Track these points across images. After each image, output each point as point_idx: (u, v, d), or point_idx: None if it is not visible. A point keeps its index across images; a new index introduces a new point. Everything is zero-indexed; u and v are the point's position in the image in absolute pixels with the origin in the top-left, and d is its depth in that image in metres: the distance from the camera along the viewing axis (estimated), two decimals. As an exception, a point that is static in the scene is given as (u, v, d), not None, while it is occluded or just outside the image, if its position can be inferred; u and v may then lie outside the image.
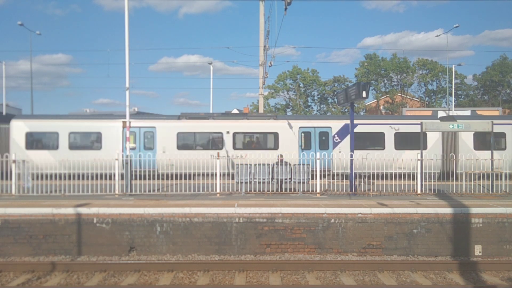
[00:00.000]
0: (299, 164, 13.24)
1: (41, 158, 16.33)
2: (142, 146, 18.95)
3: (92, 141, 19.02)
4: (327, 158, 15.93)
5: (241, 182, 12.79)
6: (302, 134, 19.05)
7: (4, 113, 25.57)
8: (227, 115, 21.29)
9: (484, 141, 18.23)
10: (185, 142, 18.98)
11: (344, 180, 13.34)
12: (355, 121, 15.23)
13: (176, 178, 13.47)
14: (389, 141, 18.90)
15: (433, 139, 18.61)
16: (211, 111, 35.41)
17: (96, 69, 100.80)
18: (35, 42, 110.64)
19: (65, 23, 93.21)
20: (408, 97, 52.17)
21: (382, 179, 13.49)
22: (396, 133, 18.94)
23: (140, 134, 19.01)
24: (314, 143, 19.01)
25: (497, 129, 16.82)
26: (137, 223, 9.96)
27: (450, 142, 18.94)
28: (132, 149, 17.24)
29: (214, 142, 19.04)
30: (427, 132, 17.08)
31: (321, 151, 15.77)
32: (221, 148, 18.59)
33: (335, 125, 19.07)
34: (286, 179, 13.00)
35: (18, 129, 18.74)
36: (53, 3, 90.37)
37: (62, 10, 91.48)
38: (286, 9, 14.46)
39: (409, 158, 13.45)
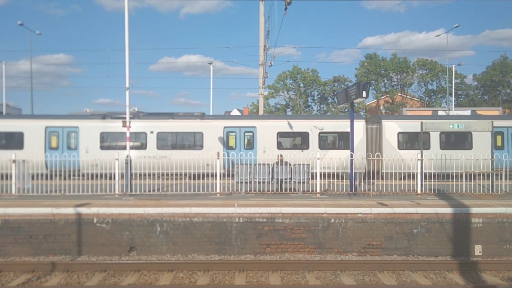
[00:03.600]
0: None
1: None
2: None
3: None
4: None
5: (241, 182, 12.78)
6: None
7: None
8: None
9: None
10: None
11: (345, 180, 13.35)
12: None
13: (176, 178, 13.46)
14: None
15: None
16: (211, 112, 35.37)
17: (96, 69, 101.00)
18: (36, 42, 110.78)
19: (65, 23, 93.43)
20: (408, 97, 52.11)
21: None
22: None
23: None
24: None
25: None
26: (137, 223, 9.96)
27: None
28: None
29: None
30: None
31: None
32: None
33: None
34: (286, 179, 13.00)
35: (390, 129, 18.58)
36: (54, 3, 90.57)
37: (63, 10, 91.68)
38: (286, 8, 14.48)
39: None
